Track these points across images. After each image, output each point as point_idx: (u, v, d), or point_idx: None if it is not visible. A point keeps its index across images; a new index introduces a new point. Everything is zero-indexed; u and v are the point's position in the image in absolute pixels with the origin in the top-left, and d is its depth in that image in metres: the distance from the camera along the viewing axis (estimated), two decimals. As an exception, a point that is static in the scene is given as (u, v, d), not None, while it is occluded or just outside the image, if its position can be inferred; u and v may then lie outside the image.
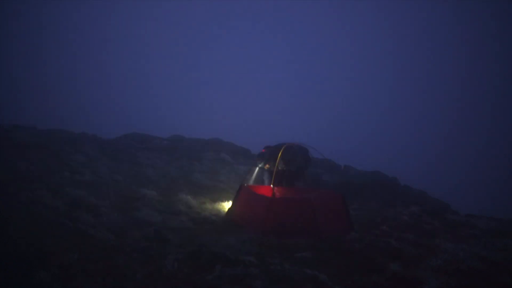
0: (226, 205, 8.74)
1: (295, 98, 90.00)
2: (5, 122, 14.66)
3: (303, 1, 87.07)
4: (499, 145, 66.10)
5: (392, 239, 6.40)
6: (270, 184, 8.35)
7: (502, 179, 49.60)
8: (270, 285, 3.78)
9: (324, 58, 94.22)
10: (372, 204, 11.50)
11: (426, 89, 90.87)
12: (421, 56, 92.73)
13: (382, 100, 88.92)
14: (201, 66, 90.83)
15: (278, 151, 8.33)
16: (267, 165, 9.02)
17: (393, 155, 60.58)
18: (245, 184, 8.16)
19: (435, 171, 56.01)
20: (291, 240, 6.11)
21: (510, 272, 4.91)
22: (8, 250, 3.81)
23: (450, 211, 11.78)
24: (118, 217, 6.20)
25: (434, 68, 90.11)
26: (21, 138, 11.62)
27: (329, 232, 6.71)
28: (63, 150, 11.08)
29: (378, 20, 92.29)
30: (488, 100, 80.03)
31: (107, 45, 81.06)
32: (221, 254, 4.63)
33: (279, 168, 8.48)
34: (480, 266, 4.88)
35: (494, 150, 65.68)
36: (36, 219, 5.06)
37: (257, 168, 9.55)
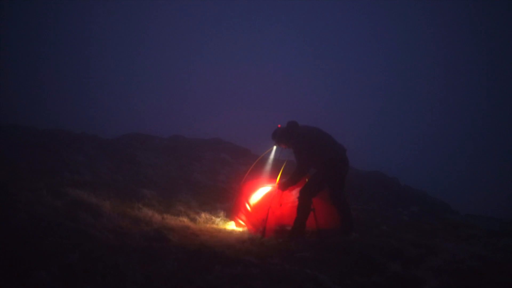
0: (226, 205, 8.74)
1: (295, 97, 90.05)
2: (5, 122, 14.68)
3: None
4: (499, 145, 66.16)
5: (392, 239, 6.40)
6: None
7: (502, 179, 49.63)
8: (270, 285, 3.79)
9: (323, 57, 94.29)
10: (372, 204, 11.50)
11: (426, 89, 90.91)
12: (421, 55, 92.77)
13: (382, 100, 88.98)
14: (202, 66, 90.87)
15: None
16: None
17: (393, 155, 60.60)
18: (245, 184, 8.15)
19: (435, 171, 56.04)
20: (291, 240, 6.13)
21: (510, 272, 4.91)
22: (8, 250, 3.81)
23: (450, 211, 11.80)
24: (118, 217, 6.19)
25: (434, 67, 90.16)
26: (21, 138, 11.61)
27: (328, 232, 6.73)
28: (63, 150, 11.07)
29: (378, 19, 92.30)
30: (489, 100, 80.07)
31: (107, 44, 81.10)
32: (221, 254, 4.63)
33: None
34: (480, 266, 4.88)
35: (494, 150, 65.76)
36: (36, 219, 5.06)
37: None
